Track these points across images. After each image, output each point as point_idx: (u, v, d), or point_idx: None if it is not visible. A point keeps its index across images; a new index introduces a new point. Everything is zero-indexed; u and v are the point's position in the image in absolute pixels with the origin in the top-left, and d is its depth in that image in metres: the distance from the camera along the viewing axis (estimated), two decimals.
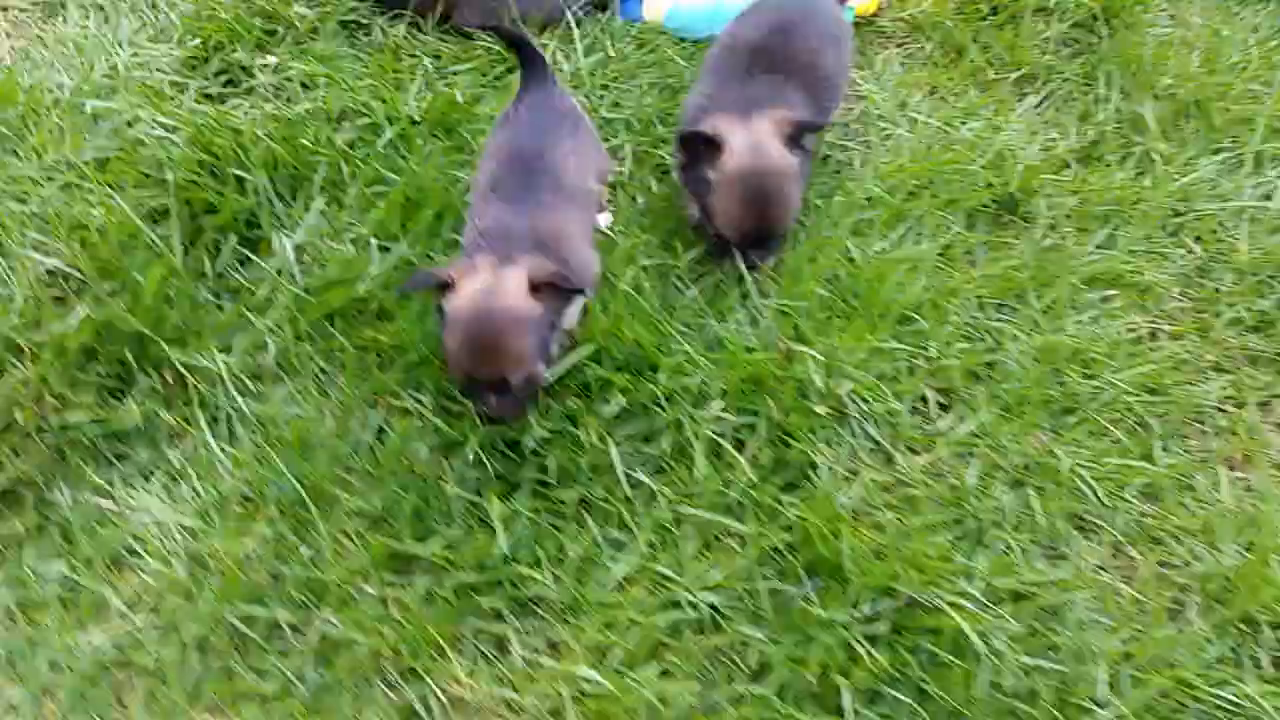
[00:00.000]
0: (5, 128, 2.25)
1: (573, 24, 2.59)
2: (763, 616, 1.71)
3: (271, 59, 2.46)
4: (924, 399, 2.03)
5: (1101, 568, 1.80)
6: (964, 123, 2.56)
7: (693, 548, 1.77)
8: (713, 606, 1.71)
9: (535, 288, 1.70)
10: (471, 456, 1.81)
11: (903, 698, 1.61)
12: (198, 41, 2.45)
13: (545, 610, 1.73)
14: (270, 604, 1.70)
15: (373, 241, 2.07)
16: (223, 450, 1.86)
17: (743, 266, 2.07)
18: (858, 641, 1.64)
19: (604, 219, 2.16)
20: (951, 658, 1.63)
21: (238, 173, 2.10)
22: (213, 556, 1.75)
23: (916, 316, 2.09)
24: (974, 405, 2.01)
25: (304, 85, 2.42)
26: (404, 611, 1.69)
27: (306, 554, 1.74)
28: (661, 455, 1.85)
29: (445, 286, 1.72)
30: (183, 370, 1.90)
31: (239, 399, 1.89)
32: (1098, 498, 1.87)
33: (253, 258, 2.07)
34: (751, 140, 2.01)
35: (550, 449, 1.81)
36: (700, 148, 2.03)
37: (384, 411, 1.89)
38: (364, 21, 2.63)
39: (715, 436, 1.85)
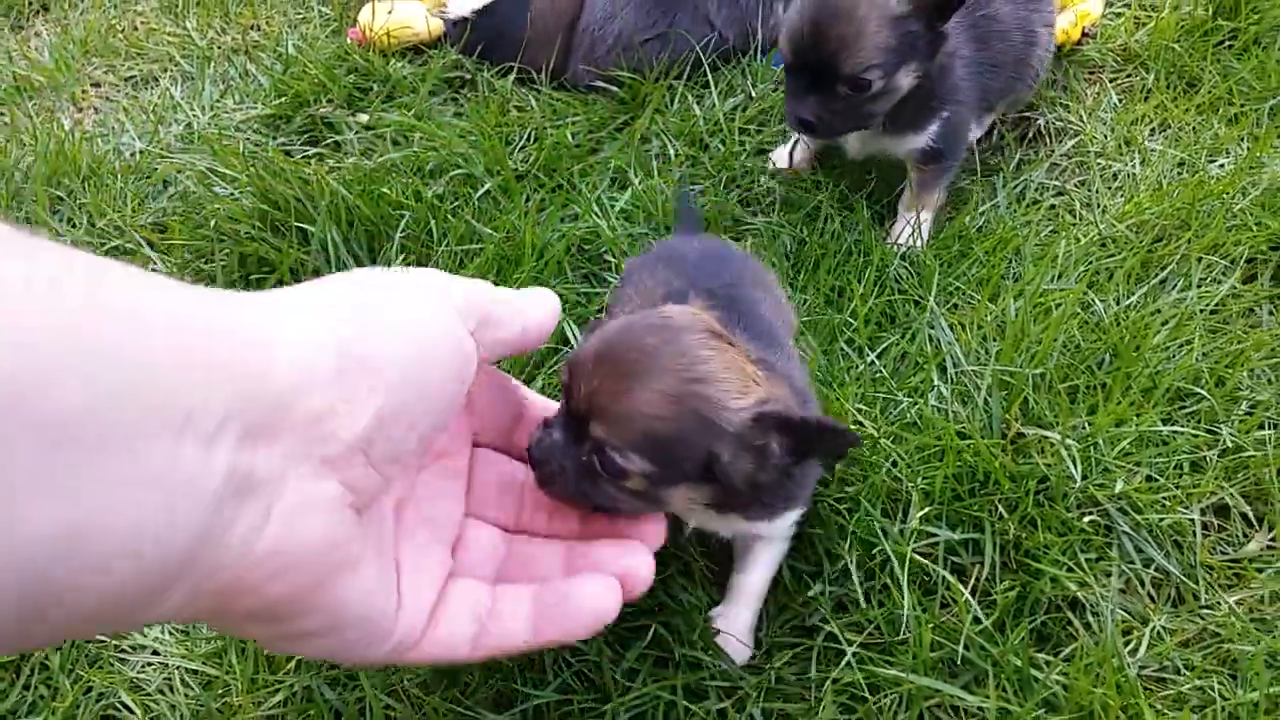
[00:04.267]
0: (65, 194, 1.98)
1: (706, 67, 2.19)
2: None
3: (363, 117, 2.15)
4: (1221, 507, 1.40)
5: None
6: (1211, 159, 1.99)
7: None
8: None
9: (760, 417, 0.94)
10: None
11: None
12: (282, 99, 2.17)
13: None
14: None
15: None
16: None
17: (790, 121, 1.62)
18: None
19: None
20: None
21: (301, 225, 1.73)
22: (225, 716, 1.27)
23: (1198, 391, 1.48)
24: None
25: (395, 141, 2.09)
26: None
27: None
28: (838, 586, 1.28)
29: None
30: None
31: None
32: None
33: None
34: None
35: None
36: None
37: None
38: (468, 77, 2.31)
39: (919, 558, 1.27)
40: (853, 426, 1.38)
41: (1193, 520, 1.37)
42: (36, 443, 0.40)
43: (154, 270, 1.71)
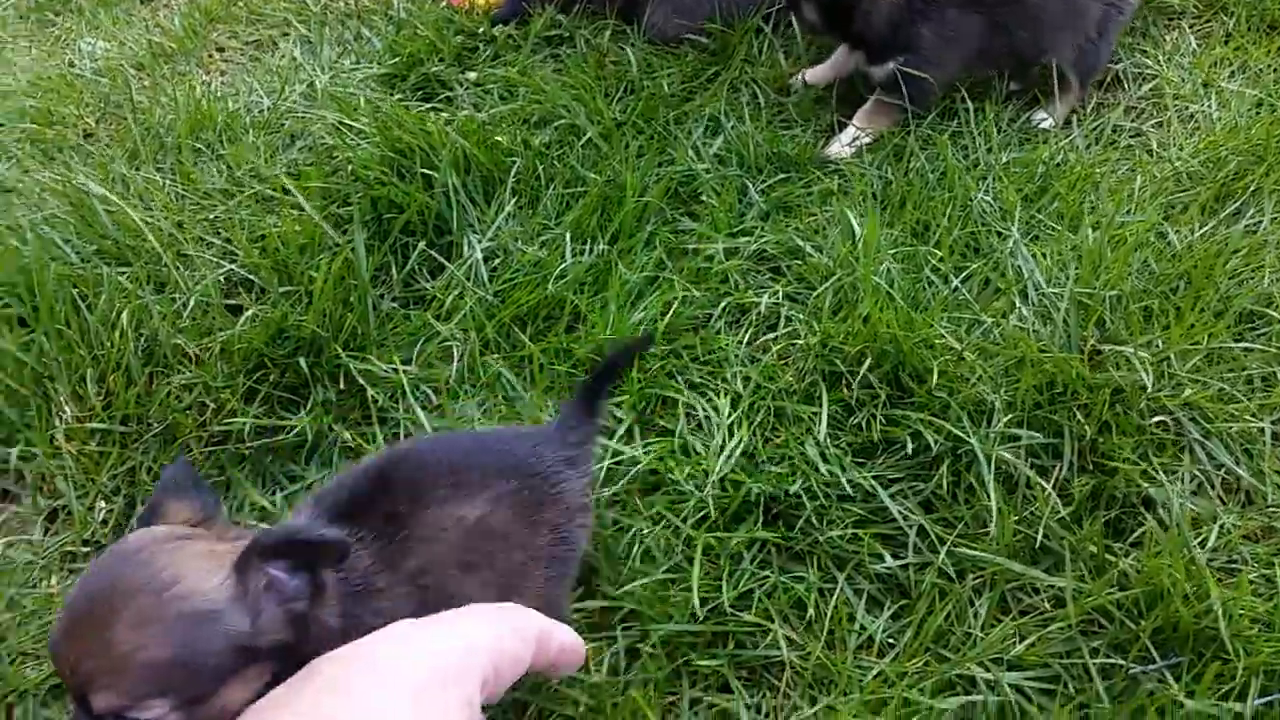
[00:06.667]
0: (204, 146, 2.18)
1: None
2: (1090, 705, 1.22)
3: (471, 74, 2.32)
4: None
5: None
6: None
7: (984, 608, 1.31)
8: (1018, 689, 1.24)
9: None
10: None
11: None
12: (397, 59, 2.34)
13: (782, 681, 1.31)
14: None
15: (567, 239, 1.79)
16: None
17: None
18: None
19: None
20: None
21: (426, 172, 1.90)
22: None
23: (1269, 313, 1.57)
24: None
25: (502, 96, 2.24)
26: (602, 672, 1.32)
27: None
28: (930, 483, 1.42)
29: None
30: (360, 380, 1.67)
31: (420, 412, 1.63)
32: None
33: (445, 263, 1.85)
34: None
35: (778, 468, 1.41)
36: None
37: None
38: (566, 35, 2.46)
39: (1008, 457, 1.40)
40: (938, 343, 1.50)
41: (1263, 429, 1.47)
42: None
43: (295, 215, 1.90)
